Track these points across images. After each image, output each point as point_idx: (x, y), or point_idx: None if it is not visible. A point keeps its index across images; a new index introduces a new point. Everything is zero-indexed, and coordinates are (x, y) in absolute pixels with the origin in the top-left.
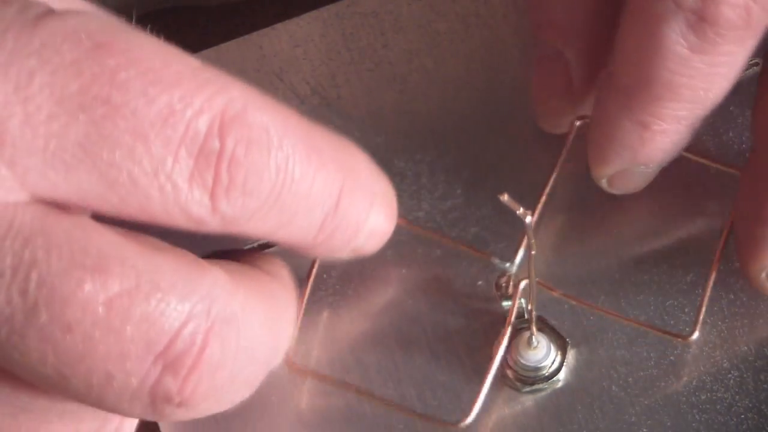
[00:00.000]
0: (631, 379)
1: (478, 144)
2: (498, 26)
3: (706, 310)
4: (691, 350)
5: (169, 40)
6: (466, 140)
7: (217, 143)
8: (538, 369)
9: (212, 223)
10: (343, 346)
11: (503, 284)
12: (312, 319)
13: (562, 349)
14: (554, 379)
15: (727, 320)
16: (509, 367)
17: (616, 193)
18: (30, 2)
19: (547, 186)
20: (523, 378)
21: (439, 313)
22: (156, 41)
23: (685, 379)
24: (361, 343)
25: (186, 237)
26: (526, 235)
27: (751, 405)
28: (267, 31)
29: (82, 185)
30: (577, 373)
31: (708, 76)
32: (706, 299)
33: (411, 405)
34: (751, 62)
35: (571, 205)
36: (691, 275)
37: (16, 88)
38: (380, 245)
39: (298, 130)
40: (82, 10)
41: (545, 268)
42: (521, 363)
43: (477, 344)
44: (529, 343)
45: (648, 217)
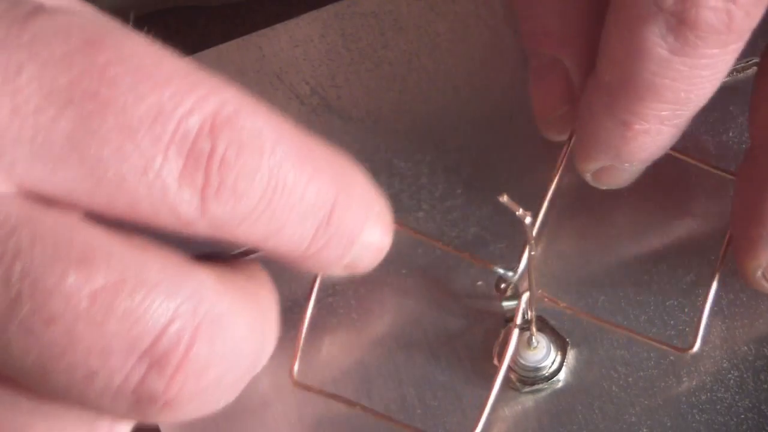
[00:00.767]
0: (631, 379)
1: (478, 144)
2: (498, 26)
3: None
4: (690, 350)
5: (169, 40)
6: (466, 140)
7: (208, 144)
8: (538, 369)
9: (201, 225)
10: (343, 347)
11: (503, 286)
12: (311, 321)
13: (562, 349)
14: (554, 379)
15: (727, 320)
16: (509, 368)
17: (602, 188)
18: None
19: (548, 191)
20: (523, 378)
21: (439, 314)
22: (148, 41)
23: (685, 379)
24: (361, 344)
25: (175, 241)
26: (526, 238)
27: (751, 405)
28: (267, 31)
29: (69, 180)
30: (577, 373)
31: (690, 79)
32: (707, 310)
33: (411, 405)
34: (751, 62)
35: (572, 206)
36: (691, 275)
37: (4, 80)
38: (375, 263)
39: (292, 138)
40: (73, 8)
41: (545, 269)
42: (521, 363)
43: (477, 344)
44: (529, 343)
45: (648, 217)
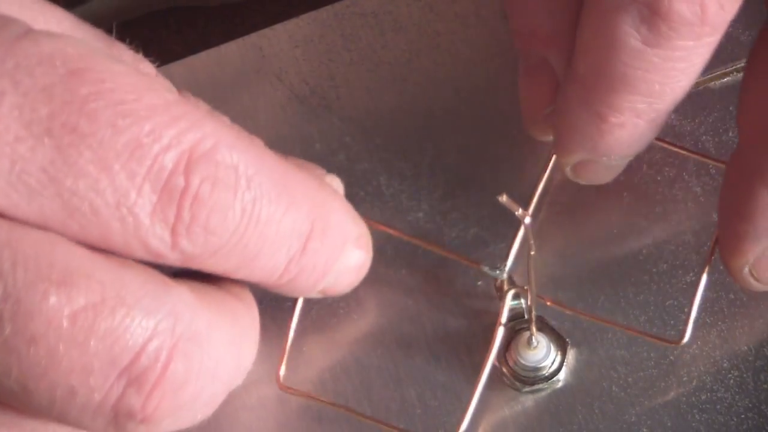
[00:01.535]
0: (631, 379)
1: (478, 144)
2: (498, 26)
3: (704, 312)
4: (690, 350)
5: (169, 40)
6: (466, 140)
7: (182, 180)
8: (538, 369)
9: (171, 258)
10: (343, 347)
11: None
12: (311, 320)
13: (562, 349)
14: (554, 379)
15: (727, 320)
16: (509, 368)
17: (582, 183)
18: (9, 21)
19: (537, 188)
20: (523, 378)
21: (438, 313)
22: (133, 72)
23: (685, 379)
24: (361, 344)
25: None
26: (516, 238)
27: (751, 405)
28: (267, 31)
29: (44, 210)
30: (577, 373)
31: (664, 71)
32: (696, 302)
33: (411, 405)
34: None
35: (571, 205)
36: (691, 275)
37: None
38: (354, 284)
39: (270, 171)
40: (60, 34)
41: (544, 269)
42: (521, 363)
43: (477, 344)
44: (529, 343)
45: (648, 217)
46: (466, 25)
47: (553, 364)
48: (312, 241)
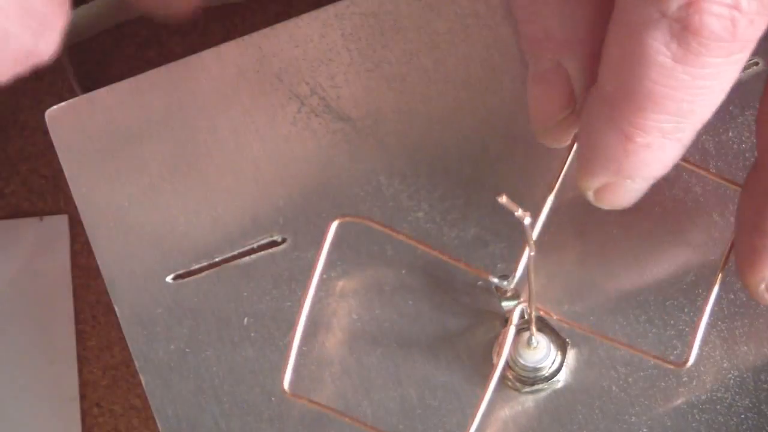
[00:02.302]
0: (631, 379)
1: (478, 144)
2: (498, 26)
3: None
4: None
5: (170, 40)
6: (466, 140)
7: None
8: (538, 369)
9: None
10: (343, 347)
11: (502, 287)
12: (311, 320)
13: (562, 349)
14: (554, 379)
15: (727, 320)
16: (509, 368)
17: (604, 208)
18: None
19: (549, 197)
20: (523, 378)
21: (439, 314)
22: None
23: (685, 379)
24: (361, 344)
25: None
26: (525, 239)
27: (751, 405)
28: (267, 31)
29: None
30: (577, 373)
31: (692, 89)
32: (703, 325)
33: (411, 405)
34: (751, 62)
35: (570, 206)
36: (691, 275)
37: None
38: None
39: None
40: None
41: (544, 269)
42: (521, 363)
43: (477, 344)
44: (529, 343)
45: (648, 217)
46: (466, 24)
47: (553, 364)
48: None
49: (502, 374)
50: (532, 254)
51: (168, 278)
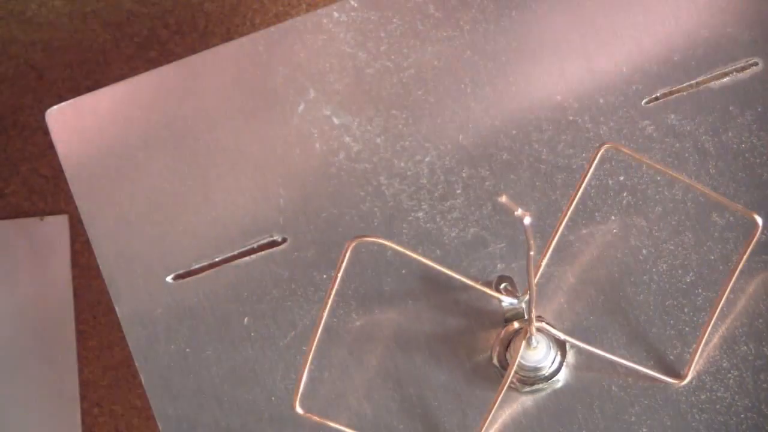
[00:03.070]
0: (631, 379)
1: (478, 144)
2: (497, 25)
3: (704, 313)
4: (690, 350)
5: (170, 40)
6: (466, 140)
7: None
8: (538, 369)
9: None
10: (343, 347)
11: (503, 286)
12: (311, 319)
13: (562, 349)
14: (554, 379)
15: (727, 320)
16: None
17: None
18: None
19: (569, 207)
20: (523, 378)
21: (439, 314)
22: None
23: (684, 380)
24: (361, 344)
25: None
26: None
27: (751, 405)
28: (267, 31)
29: None
30: (577, 373)
31: None
32: (702, 344)
33: (411, 405)
34: (751, 61)
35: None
36: (691, 275)
37: None
38: None
39: None
40: None
41: (543, 269)
42: (521, 363)
43: (477, 344)
44: (529, 343)
45: (648, 217)
46: (462, 29)
47: (553, 364)
48: None
49: (502, 374)
50: (533, 254)
51: (168, 278)
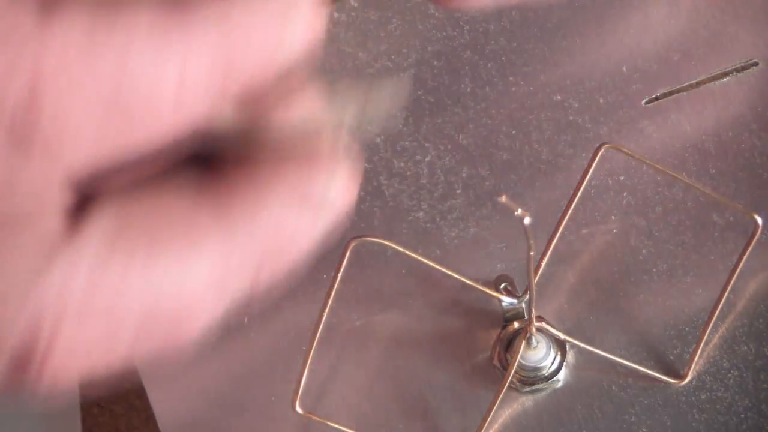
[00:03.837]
0: (631, 379)
1: (478, 144)
2: (493, 22)
3: (704, 313)
4: (690, 350)
5: None
6: (466, 140)
7: None
8: (538, 369)
9: None
10: (344, 347)
11: (503, 286)
12: (311, 320)
13: (562, 349)
14: (554, 379)
15: (726, 320)
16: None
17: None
18: None
19: (569, 208)
20: (523, 378)
21: (439, 314)
22: None
23: (684, 379)
24: (362, 344)
25: None
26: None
27: (751, 405)
28: None
29: None
30: (577, 373)
31: None
32: (703, 343)
33: (411, 405)
34: (751, 62)
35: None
36: (691, 275)
37: None
38: None
39: None
40: None
41: (543, 269)
42: (521, 363)
43: (477, 344)
44: (529, 343)
45: (648, 217)
46: (462, 29)
47: (553, 364)
48: None
49: (502, 374)
50: (533, 254)
51: None
